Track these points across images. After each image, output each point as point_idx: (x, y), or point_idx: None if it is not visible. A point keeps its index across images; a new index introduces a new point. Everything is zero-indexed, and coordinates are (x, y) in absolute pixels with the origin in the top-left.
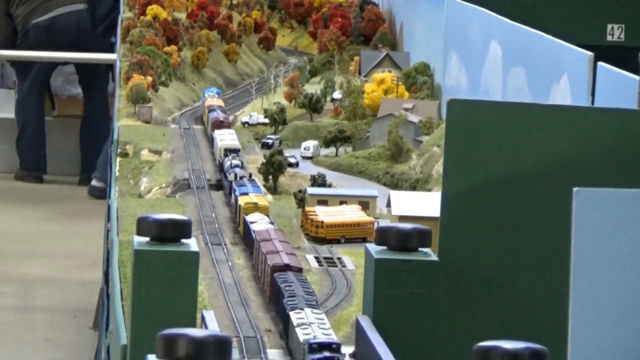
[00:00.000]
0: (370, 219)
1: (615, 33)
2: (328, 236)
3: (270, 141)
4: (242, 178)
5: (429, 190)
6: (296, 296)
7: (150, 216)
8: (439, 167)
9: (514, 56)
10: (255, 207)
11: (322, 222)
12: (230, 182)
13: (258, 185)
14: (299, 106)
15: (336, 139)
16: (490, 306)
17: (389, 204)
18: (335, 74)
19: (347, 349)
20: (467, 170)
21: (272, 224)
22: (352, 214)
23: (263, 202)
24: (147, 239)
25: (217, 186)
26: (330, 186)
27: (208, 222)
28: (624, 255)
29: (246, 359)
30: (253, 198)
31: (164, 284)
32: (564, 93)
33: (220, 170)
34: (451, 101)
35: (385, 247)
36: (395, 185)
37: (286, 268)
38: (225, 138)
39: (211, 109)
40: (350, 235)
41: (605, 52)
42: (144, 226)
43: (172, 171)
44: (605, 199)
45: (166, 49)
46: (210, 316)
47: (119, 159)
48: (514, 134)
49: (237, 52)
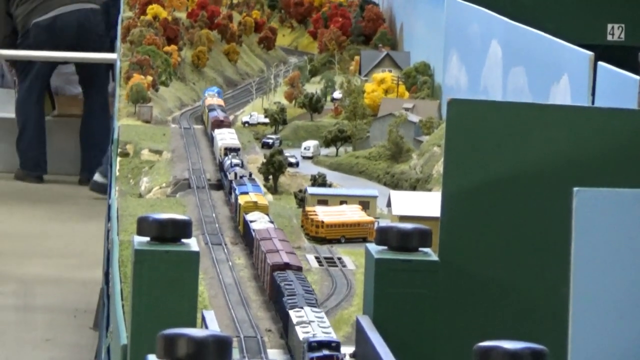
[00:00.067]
0: (370, 218)
1: (616, 33)
2: (328, 236)
3: (270, 141)
4: (242, 177)
5: (430, 190)
6: (296, 295)
7: (151, 216)
8: (439, 167)
9: (514, 56)
10: (255, 206)
11: (322, 222)
12: (230, 181)
13: (258, 184)
14: (299, 106)
15: (336, 138)
16: (490, 306)
17: (389, 204)
18: (336, 74)
19: (348, 349)
20: (467, 170)
21: (272, 222)
22: (352, 213)
23: (263, 201)
24: (147, 238)
25: (218, 186)
26: (330, 186)
27: (208, 222)
28: (624, 255)
29: (246, 358)
30: (253, 197)
31: (165, 283)
32: (564, 93)
33: (220, 170)
34: (451, 101)
35: (385, 247)
36: (396, 185)
37: (286, 267)
38: (226, 137)
39: (211, 108)
40: (350, 235)
41: (606, 52)
42: (144, 226)
43: (173, 171)
44: (606, 199)
45: (166, 48)
46: (210, 316)
47: (119, 158)
48: (514, 133)
49: (238, 52)
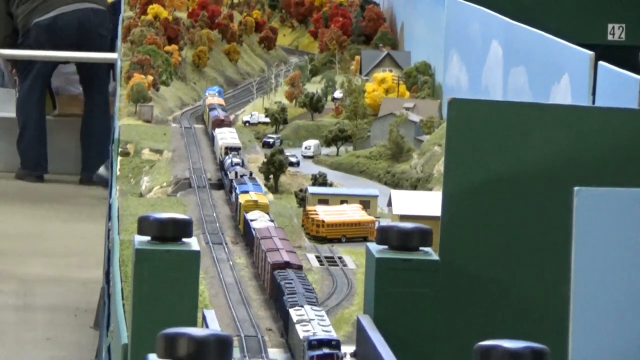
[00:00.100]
0: (371, 218)
1: (616, 32)
2: (329, 235)
3: (271, 140)
4: (242, 176)
5: (430, 189)
6: (296, 293)
7: (151, 215)
8: (439, 167)
9: (514, 55)
10: (256, 205)
11: (323, 221)
12: (231, 180)
13: (258, 183)
14: (300, 105)
15: (337, 138)
16: (491, 305)
17: (389, 203)
18: (336, 74)
19: (348, 348)
20: (468, 170)
21: (272, 221)
22: (353, 213)
23: (263, 199)
24: (148, 238)
25: (218, 185)
26: (331, 185)
27: (209, 221)
28: (625, 255)
29: (247, 358)
30: (253, 196)
31: (165, 283)
32: (564, 92)
33: (221, 169)
34: (452, 100)
35: (386, 247)
36: (396, 185)
37: (286, 265)
38: (226, 136)
39: (212, 107)
40: (351, 234)
41: (606, 52)
42: (145, 225)
43: (173, 170)
44: (606, 199)
45: (167, 48)
46: (211, 315)
47: (120, 158)
48: (514, 133)
49: (238, 52)
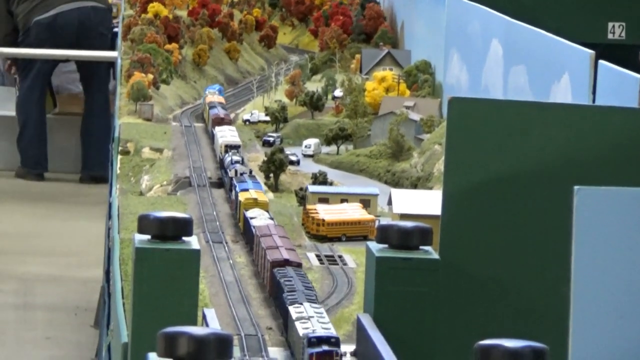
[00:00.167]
0: (371, 217)
1: (616, 31)
2: (329, 234)
3: (271, 139)
4: (242, 174)
5: (430, 188)
6: (296, 291)
7: (152, 214)
8: (440, 165)
9: (514, 54)
10: (255, 203)
11: (323, 220)
12: (231, 178)
13: (258, 181)
14: (300, 104)
15: (337, 137)
16: (491, 304)
17: (390, 202)
18: (337, 72)
19: (348, 347)
20: (468, 169)
21: (272, 219)
22: (353, 212)
23: (263, 197)
24: (148, 236)
25: (218, 184)
26: (331, 184)
27: (209, 220)
28: (625, 254)
29: (247, 357)
30: (253, 194)
31: (165, 282)
32: (564, 91)
33: (221, 167)
34: (452, 99)
35: (386, 245)
36: (397, 184)
37: (285, 263)
38: (226, 134)
39: (212, 105)
40: (351, 233)
41: (606, 51)
42: (145, 224)
43: (173, 169)
44: (606, 198)
45: (167, 46)
46: (211, 314)
47: (120, 156)
48: (514, 132)
49: (238, 50)
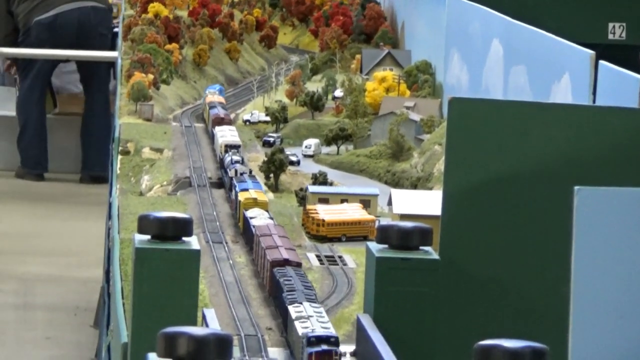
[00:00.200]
0: (371, 217)
1: (617, 32)
2: (329, 234)
3: (271, 139)
4: (242, 174)
5: (430, 188)
6: (295, 290)
7: (152, 214)
8: (440, 166)
9: (515, 55)
10: (255, 203)
11: (323, 220)
12: (231, 178)
13: (258, 181)
14: (301, 104)
15: (337, 137)
16: (491, 305)
17: (390, 203)
18: (337, 72)
19: (348, 348)
20: (468, 169)
21: (271, 219)
22: (353, 212)
23: (262, 197)
24: (148, 237)
25: (219, 184)
26: (331, 184)
27: (209, 220)
28: (625, 254)
29: (247, 357)
30: (253, 194)
31: (165, 282)
32: (565, 92)
33: (221, 167)
34: (452, 99)
35: (386, 246)
36: (397, 184)
37: (285, 263)
38: (226, 134)
39: (212, 105)
40: (351, 233)
41: (607, 51)
42: (145, 224)
43: (174, 169)
44: (606, 198)
45: (167, 46)
46: (211, 314)
47: (120, 156)
48: (515, 132)
49: (239, 50)
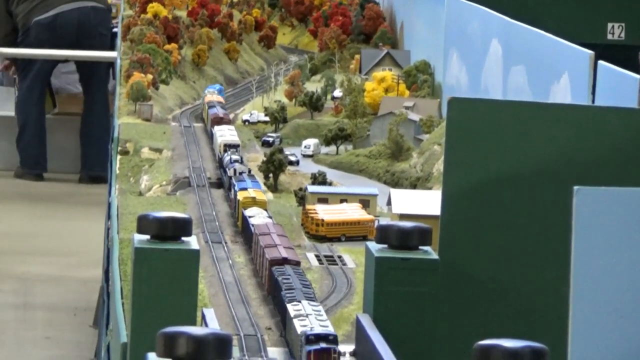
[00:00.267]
0: (370, 217)
1: (616, 32)
2: (328, 234)
3: (270, 139)
4: (241, 173)
5: (430, 188)
6: (294, 289)
7: (151, 214)
8: (439, 166)
9: (514, 55)
10: (254, 202)
11: (322, 220)
12: (230, 177)
13: (257, 180)
14: (300, 104)
15: (337, 137)
16: (490, 304)
17: (389, 202)
18: (336, 72)
19: (348, 347)
20: (467, 169)
21: (270, 218)
22: (352, 212)
23: (261, 196)
24: (147, 237)
25: (218, 184)
26: (330, 184)
27: (208, 220)
28: (624, 254)
29: (246, 357)
30: (251, 193)
31: (165, 282)
32: (564, 92)
33: (220, 166)
34: (452, 99)
35: (385, 246)
36: (396, 184)
37: (284, 262)
38: (225, 134)
39: (211, 105)
40: (350, 233)
41: (606, 51)
42: (144, 224)
43: (173, 169)
44: (606, 198)
45: (167, 47)
46: (210, 314)
47: (119, 156)
48: (514, 132)
49: (238, 50)
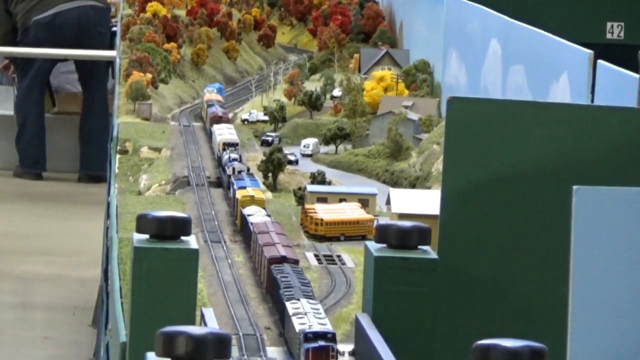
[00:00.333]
0: (369, 216)
1: (615, 31)
2: (327, 234)
3: (269, 139)
4: (240, 172)
5: (429, 188)
6: (292, 287)
7: (150, 213)
8: (438, 165)
9: (513, 54)
10: (252, 200)
11: (321, 219)
12: (229, 176)
13: (256, 179)
14: (299, 104)
15: (336, 136)
16: (489, 304)
17: (388, 202)
18: (335, 72)
19: (347, 347)
20: (466, 168)
21: (269, 216)
22: (351, 211)
23: (260, 195)
24: (146, 236)
25: (217, 183)
26: (329, 184)
27: (207, 219)
28: (624, 254)
29: (245, 356)
30: (250, 191)
31: (164, 281)
32: (563, 91)
33: (219, 164)
34: (451, 99)
35: (384, 245)
36: (395, 183)
37: (282, 260)
38: (224, 133)
39: (210, 104)
40: (349, 233)
41: (605, 50)
42: (143, 223)
43: (172, 168)
44: (605, 197)
45: (166, 46)
46: (209, 314)
47: (118, 156)
48: (513, 131)
49: (237, 50)
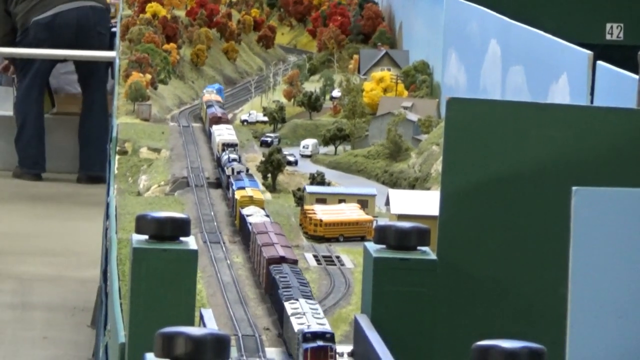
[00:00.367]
0: (369, 217)
1: (614, 32)
2: (327, 235)
3: (269, 139)
4: (239, 172)
5: (428, 188)
6: (291, 287)
7: (149, 214)
8: (437, 166)
9: (513, 55)
10: (251, 201)
11: (320, 220)
12: (228, 176)
13: (255, 179)
14: (298, 104)
15: (335, 137)
16: (488, 305)
17: (387, 203)
18: (335, 72)
19: (346, 348)
20: (466, 169)
21: (267, 217)
22: (351, 212)
23: (259, 195)
24: (145, 237)
25: (216, 184)
26: (329, 185)
27: (207, 220)
28: (623, 254)
29: (244, 357)
30: (249, 192)
31: (163, 282)
32: (563, 92)
33: (218, 165)
34: (450, 100)
35: (384, 246)
36: (394, 184)
37: (281, 260)
38: (223, 133)
39: (209, 104)
40: (349, 233)
41: (604, 51)
42: (142, 224)
43: (171, 169)
44: (604, 198)
45: (165, 46)
46: (208, 314)
47: (117, 156)
48: (513, 132)
49: (237, 50)
